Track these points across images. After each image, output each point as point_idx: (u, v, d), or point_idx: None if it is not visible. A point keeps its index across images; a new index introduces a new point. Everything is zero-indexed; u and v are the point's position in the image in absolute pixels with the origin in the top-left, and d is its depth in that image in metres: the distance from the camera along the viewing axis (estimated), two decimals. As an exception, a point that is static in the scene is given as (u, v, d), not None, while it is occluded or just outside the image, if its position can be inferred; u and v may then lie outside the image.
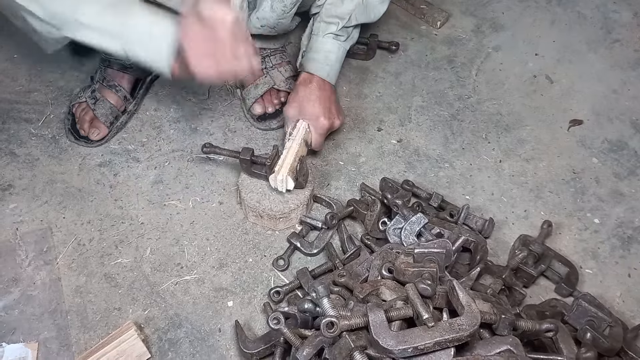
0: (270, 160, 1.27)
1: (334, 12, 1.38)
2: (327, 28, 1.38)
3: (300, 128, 1.34)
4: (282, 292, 1.21)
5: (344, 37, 1.40)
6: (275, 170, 1.27)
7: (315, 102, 1.36)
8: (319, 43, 1.39)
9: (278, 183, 1.27)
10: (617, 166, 1.48)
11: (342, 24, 1.38)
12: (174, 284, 1.25)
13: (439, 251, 1.07)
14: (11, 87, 1.57)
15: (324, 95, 1.38)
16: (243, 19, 1.12)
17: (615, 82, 1.66)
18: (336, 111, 1.40)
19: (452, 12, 1.83)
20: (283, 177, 1.25)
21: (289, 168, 1.26)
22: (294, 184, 1.28)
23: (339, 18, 1.38)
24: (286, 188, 1.28)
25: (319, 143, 1.39)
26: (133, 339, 1.12)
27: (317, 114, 1.35)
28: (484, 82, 1.66)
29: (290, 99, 1.40)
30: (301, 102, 1.36)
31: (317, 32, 1.40)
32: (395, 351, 0.86)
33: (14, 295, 1.21)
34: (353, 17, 1.39)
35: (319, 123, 1.35)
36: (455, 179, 1.44)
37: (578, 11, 1.84)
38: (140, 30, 1.09)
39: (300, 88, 1.38)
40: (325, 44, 1.39)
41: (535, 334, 1.00)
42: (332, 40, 1.39)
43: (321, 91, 1.37)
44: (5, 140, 1.46)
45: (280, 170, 1.26)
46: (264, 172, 1.30)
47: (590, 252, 1.32)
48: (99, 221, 1.33)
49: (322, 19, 1.39)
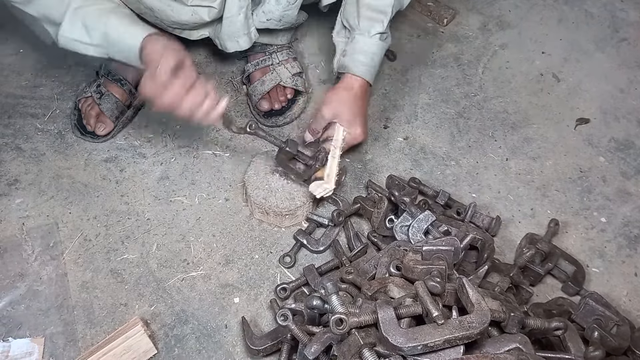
0: (319, 163, 1.26)
1: (375, 5, 1.30)
2: (372, 27, 1.31)
3: (341, 133, 1.31)
4: (289, 288, 1.21)
5: (387, 34, 1.35)
6: (325, 179, 1.26)
7: (354, 108, 1.32)
8: (365, 44, 1.32)
9: (321, 191, 1.26)
10: (624, 165, 1.47)
11: (388, 19, 1.31)
12: (180, 280, 1.25)
13: (447, 249, 1.06)
14: (17, 82, 1.56)
15: (362, 103, 1.35)
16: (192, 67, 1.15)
17: (622, 81, 1.65)
18: (363, 121, 1.36)
19: (459, 10, 1.82)
20: (330, 187, 1.26)
21: (336, 178, 1.27)
22: (333, 189, 1.28)
23: (382, 13, 1.30)
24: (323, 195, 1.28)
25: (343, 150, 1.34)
26: (139, 334, 1.12)
27: (353, 122, 1.32)
28: (491, 80, 1.65)
29: (329, 99, 1.34)
30: (341, 105, 1.32)
31: (362, 31, 1.32)
32: (404, 348, 0.86)
33: (20, 290, 1.21)
34: (394, 8, 1.32)
35: (353, 131, 1.33)
36: (462, 177, 1.44)
37: (585, 9, 1.83)
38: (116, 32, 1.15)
39: (341, 91, 1.33)
40: (372, 45, 1.32)
41: (543, 332, 1.00)
42: (379, 42, 1.33)
43: (362, 100, 1.34)
44: (11, 135, 1.46)
45: (329, 180, 1.26)
46: (300, 171, 1.29)
47: (597, 251, 1.32)
48: (105, 217, 1.33)
49: (362, 15, 1.31)
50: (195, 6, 1.31)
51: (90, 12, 1.16)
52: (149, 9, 1.33)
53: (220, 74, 1.62)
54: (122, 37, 1.16)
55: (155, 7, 1.32)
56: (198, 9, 1.32)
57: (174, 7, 1.31)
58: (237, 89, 1.59)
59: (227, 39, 1.39)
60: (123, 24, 1.16)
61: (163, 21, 1.37)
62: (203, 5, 1.31)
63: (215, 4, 1.31)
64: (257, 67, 1.51)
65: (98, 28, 1.16)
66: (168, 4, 1.31)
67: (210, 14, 1.33)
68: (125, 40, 1.15)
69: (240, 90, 1.59)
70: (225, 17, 1.34)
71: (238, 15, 1.33)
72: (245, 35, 1.38)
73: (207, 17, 1.33)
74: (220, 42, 1.41)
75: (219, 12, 1.33)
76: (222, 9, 1.33)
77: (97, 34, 1.17)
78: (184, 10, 1.32)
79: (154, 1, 1.31)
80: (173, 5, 1.31)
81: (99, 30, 1.16)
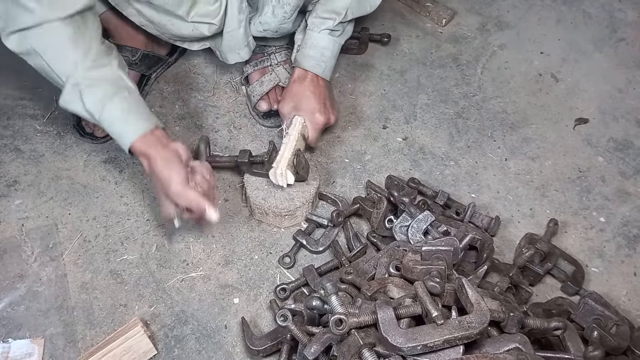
0: (268, 156, 1.28)
1: (330, 7, 1.35)
2: (322, 24, 1.36)
3: (297, 123, 1.34)
4: (288, 289, 1.21)
5: (339, 32, 1.39)
6: (274, 165, 1.27)
7: (311, 97, 1.36)
8: (314, 39, 1.37)
9: (278, 178, 1.27)
10: (622, 165, 1.48)
11: (339, 19, 1.36)
12: (179, 280, 1.25)
13: (447, 249, 1.07)
14: (16, 83, 1.56)
15: (319, 91, 1.38)
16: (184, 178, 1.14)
17: (621, 81, 1.65)
18: (331, 107, 1.40)
19: (458, 10, 1.83)
20: (282, 171, 1.25)
21: (287, 162, 1.26)
22: (294, 177, 1.28)
23: (335, 13, 1.36)
24: (287, 182, 1.28)
25: (315, 138, 1.39)
26: (139, 335, 1.12)
27: (312, 110, 1.35)
28: (490, 80, 1.65)
29: (284, 96, 1.40)
30: (296, 98, 1.36)
31: (312, 27, 1.37)
32: (404, 349, 0.86)
33: (20, 291, 1.21)
34: (349, 12, 1.37)
35: (314, 118, 1.35)
36: (461, 177, 1.44)
37: (583, 10, 1.83)
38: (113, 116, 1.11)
39: (294, 84, 1.38)
40: (320, 40, 1.37)
41: (543, 332, 1.00)
42: (328, 37, 1.37)
43: (316, 87, 1.37)
44: (10, 137, 1.46)
45: (279, 165, 1.26)
46: (265, 170, 1.30)
47: (596, 251, 1.32)
48: (104, 217, 1.33)
49: (318, 15, 1.36)
50: (196, 22, 1.33)
51: (87, 93, 1.10)
52: (150, 22, 1.34)
53: (219, 74, 1.62)
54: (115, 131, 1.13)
55: (156, 20, 1.33)
56: (198, 25, 1.34)
57: (174, 22, 1.33)
58: (236, 89, 1.59)
59: (227, 52, 1.42)
60: (118, 118, 1.12)
61: (164, 34, 1.38)
62: (203, 22, 1.33)
63: (216, 20, 1.33)
64: (255, 67, 1.52)
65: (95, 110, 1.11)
66: (168, 19, 1.32)
67: (210, 29, 1.35)
68: (118, 135, 1.13)
69: (239, 91, 1.59)
70: (226, 31, 1.36)
71: (238, 29, 1.36)
72: (245, 47, 1.41)
73: (208, 32, 1.35)
74: (221, 54, 1.44)
75: (219, 27, 1.35)
76: (222, 24, 1.35)
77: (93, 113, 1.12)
78: (184, 26, 1.34)
79: (155, 15, 1.31)
80: (173, 20, 1.32)
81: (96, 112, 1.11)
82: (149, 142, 1.13)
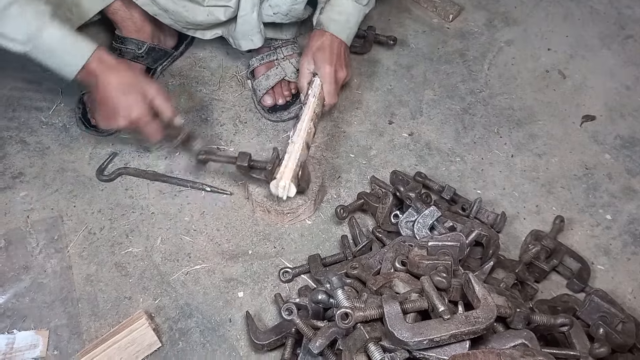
0: (271, 164, 1.22)
1: None
2: None
3: (316, 86, 1.33)
4: (292, 273, 1.21)
5: (365, 0, 1.39)
6: (277, 176, 1.22)
7: (326, 50, 1.35)
8: (342, 4, 1.36)
9: (280, 190, 1.22)
10: (629, 162, 1.47)
11: None
12: (184, 273, 1.24)
13: (453, 244, 1.06)
14: (21, 76, 1.56)
15: (335, 44, 1.37)
16: None
17: (629, 78, 1.64)
18: (345, 62, 1.39)
19: (465, 6, 1.82)
20: (286, 183, 1.21)
21: (292, 174, 1.21)
22: (296, 190, 1.23)
23: None
24: (288, 194, 1.23)
25: (334, 93, 1.37)
26: (144, 327, 1.12)
27: (324, 61, 1.35)
28: (496, 77, 1.65)
29: (304, 51, 1.40)
30: (314, 51, 1.36)
31: None
32: (410, 343, 0.86)
33: (24, 283, 1.21)
34: None
35: (325, 70, 1.35)
36: (467, 173, 1.43)
37: (591, 6, 1.82)
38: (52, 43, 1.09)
39: (314, 40, 1.37)
40: (347, 6, 1.36)
41: (549, 328, 0.99)
42: (354, 4, 1.36)
43: (337, 45, 1.37)
44: (15, 129, 1.45)
45: (282, 177, 1.21)
46: (264, 177, 1.25)
47: (602, 248, 1.31)
48: (109, 210, 1.33)
49: None
50: (211, 6, 1.31)
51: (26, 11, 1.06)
52: (164, 10, 1.33)
53: (224, 68, 1.62)
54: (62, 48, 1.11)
55: (170, 8, 1.31)
56: (214, 9, 1.32)
57: (189, 8, 1.31)
58: (242, 83, 1.59)
59: (241, 38, 1.40)
60: (65, 34, 1.10)
61: (178, 22, 1.37)
62: (219, 5, 1.31)
63: (232, 3, 1.31)
64: (261, 61, 1.51)
65: (28, 28, 1.07)
66: (183, 5, 1.30)
67: (226, 13, 1.33)
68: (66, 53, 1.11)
69: (245, 85, 1.58)
70: (240, 15, 1.34)
71: (252, 13, 1.34)
72: (258, 33, 1.39)
73: (224, 17, 1.34)
74: (234, 41, 1.42)
75: (235, 11, 1.33)
76: (237, 7, 1.33)
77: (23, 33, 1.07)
78: (199, 11, 1.32)
79: (169, 2, 1.30)
80: (188, 6, 1.31)
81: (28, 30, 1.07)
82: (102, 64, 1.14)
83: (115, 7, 1.39)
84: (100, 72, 1.14)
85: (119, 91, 1.16)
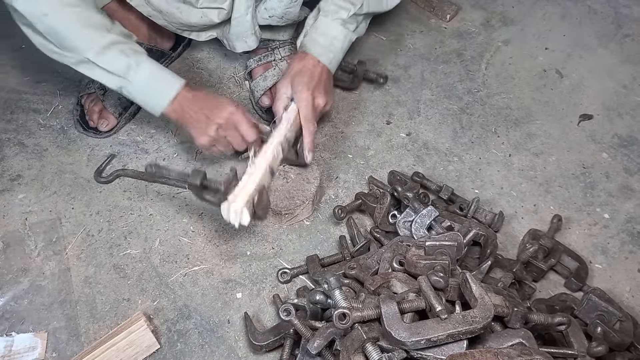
0: (225, 185, 1.10)
1: None
2: (336, 12, 1.31)
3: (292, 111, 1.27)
4: (290, 274, 1.21)
5: (353, 25, 1.35)
6: (230, 198, 1.09)
7: (306, 74, 1.29)
8: (326, 26, 1.32)
9: (231, 214, 1.08)
10: (627, 161, 1.47)
11: (354, 10, 1.32)
12: (182, 275, 1.25)
13: (451, 244, 1.06)
14: (19, 78, 1.56)
15: (316, 69, 1.30)
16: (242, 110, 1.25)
17: (626, 77, 1.65)
18: (324, 90, 1.31)
19: (462, 6, 1.82)
20: (239, 208, 1.07)
21: (247, 198, 1.08)
22: (249, 218, 1.09)
23: (351, 3, 1.31)
24: (240, 222, 1.09)
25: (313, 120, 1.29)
26: (142, 329, 1.12)
27: (302, 86, 1.28)
28: (494, 76, 1.65)
29: (284, 75, 1.34)
30: (293, 75, 1.30)
31: (325, 13, 1.32)
32: (408, 343, 0.86)
33: (23, 285, 1.21)
34: (365, 5, 1.33)
35: (302, 95, 1.27)
36: (465, 173, 1.44)
37: (589, 5, 1.83)
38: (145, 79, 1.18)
39: (294, 63, 1.32)
40: (332, 29, 1.32)
41: (547, 327, 0.99)
42: (340, 27, 1.32)
43: (320, 74, 1.31)
44: (13, 131, 1.46)
45: (236, 199, 1.08)
46: (216, 200, 1.11)
47: (599, 247, 1.31)
48: (107, 212, 1.33)
49: (334, 1, 1.32)
50: (205, 8, 1.31)
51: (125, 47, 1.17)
52: (158, 11, 1.33)
53: (222, 69, 1.62)
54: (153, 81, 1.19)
55: (164, 9, 1.32)
56: (207, 10, 1.32)
57: (182, 9, 1.31)
58: (240, 84, 1.59)
59: (235, 39, 1.39)
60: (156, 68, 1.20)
61: (172, 23, 1.37)
62: (212, 7, 1.31)
63: (225, 5, 1.31)
64: (259, 62, 1.51)
65: (128, 61, 1.16)
66: (177, 6, 1.31)
67: (219, 15, 1.33)
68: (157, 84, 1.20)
69: (243, 86, 1.58)
70: (234, 17, 1.34)
71: (246, 15, 1.33)
72: (252, 35, 1.38)
73: (217, 19, 1.33)
74: (228, 42, 1.42)
75: (228, 13, 1.33)
76: (230, 10, 1.33)
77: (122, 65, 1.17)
78: (193, 12, 1.32)
79: (163, 3, 1.30)
80: (182, 7, 1.31)
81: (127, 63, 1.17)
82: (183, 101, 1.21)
83: (111, 8, 1.39)
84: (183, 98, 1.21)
85: (204, 101, 1.22)
